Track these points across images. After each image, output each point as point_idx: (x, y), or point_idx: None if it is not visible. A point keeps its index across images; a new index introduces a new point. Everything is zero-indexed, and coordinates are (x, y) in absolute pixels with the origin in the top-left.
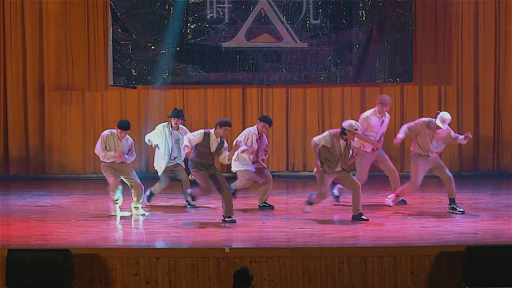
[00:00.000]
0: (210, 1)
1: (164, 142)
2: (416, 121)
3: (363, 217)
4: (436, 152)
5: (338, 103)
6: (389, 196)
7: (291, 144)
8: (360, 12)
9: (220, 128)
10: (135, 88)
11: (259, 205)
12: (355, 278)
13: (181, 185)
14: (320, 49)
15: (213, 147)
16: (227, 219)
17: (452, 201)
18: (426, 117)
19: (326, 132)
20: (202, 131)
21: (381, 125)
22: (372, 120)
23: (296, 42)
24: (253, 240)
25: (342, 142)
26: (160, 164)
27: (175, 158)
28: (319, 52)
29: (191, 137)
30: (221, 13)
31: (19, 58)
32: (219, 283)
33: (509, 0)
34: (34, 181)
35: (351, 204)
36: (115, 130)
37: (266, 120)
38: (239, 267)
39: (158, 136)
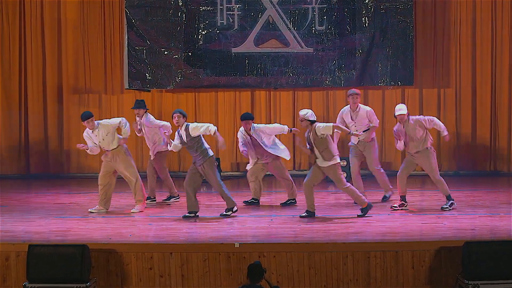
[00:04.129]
0: (220, 8)
1: None
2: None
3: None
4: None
5: (343, 106)
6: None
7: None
8: (363, 18)
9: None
10: (149, 91)
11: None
12: (359, 272)
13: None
14: (325, 54)
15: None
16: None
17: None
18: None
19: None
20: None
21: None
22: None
23: (302, 48)
24: (262, 236)
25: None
26: None
27: None
28: (324, 57)
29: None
30: (231, 20)
31: (39, 62)
32: (229, 276)
33: (505, 6)
34: (54, 180)
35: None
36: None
37: (244, 117)
38: (249, 262)
39: None
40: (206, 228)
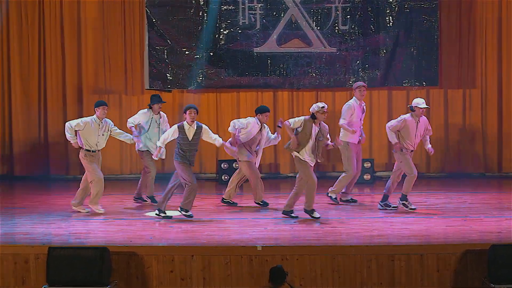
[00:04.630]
0: (242, 7)
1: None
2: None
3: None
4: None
5: (366, 106)
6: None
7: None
8: (387, 18)
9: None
10: (170, 91)
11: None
12: (383, 276)
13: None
14: (348, 53)
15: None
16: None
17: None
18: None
19: (302, 117)
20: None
21: (362, 113)
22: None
23: (325, 47)
24: (285, 239)
25: (315, 128)
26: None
27: None
28: (348, 56)
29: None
30: (253, 20)
31: (59, 63)
32: (252, 280)
33: None
34: (73, 181)
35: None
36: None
37: (264, 109)
38: (271, 265)
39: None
40: (228, 231)
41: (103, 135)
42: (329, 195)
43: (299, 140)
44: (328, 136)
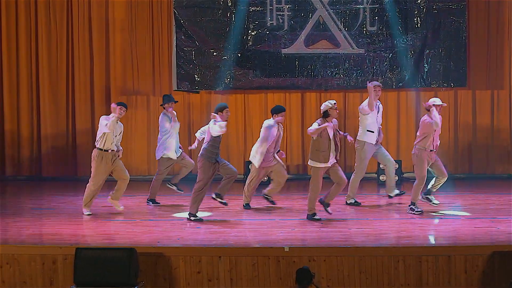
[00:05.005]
0: (270, 9)
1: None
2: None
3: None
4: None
5: (394, 107)
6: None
7: (348, 147)
8: (415, 19)
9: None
10: (198, 92)
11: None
12: (410, 277)
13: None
14: (376, 55)
15: None
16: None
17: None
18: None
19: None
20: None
21: (377, 112)
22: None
23: (353, 48)
24: (312, 240)
25: (330, 130)
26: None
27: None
28: (375, 58)
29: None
30: (281, 21)
31: (87, 64)
32: (279, 281)
33: None
34: None
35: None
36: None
37: (281, 109)
38: (298, 266)
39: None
40: (255, 232)
41: (119, 134)
42: (348, 202)
43: (321, 146)
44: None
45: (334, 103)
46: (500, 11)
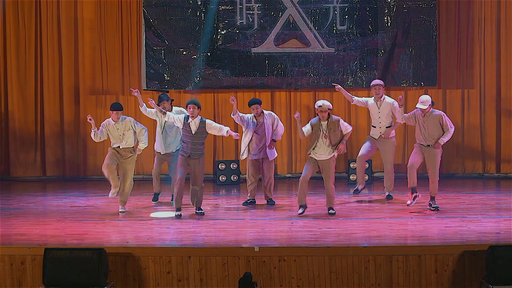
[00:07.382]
0: (240, 8)
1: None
2: None
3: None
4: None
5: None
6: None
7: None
8: (385, 18)
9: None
10: (167, 92)
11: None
12: (381, 277)
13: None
14: (346, 54)
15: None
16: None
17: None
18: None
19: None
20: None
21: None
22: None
23: (323, 47)
24: (282, 240)
25: (322, 124)
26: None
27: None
28: (346, 57)
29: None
30: (251, 20)
31: (56, 63)
32: None
33: None
34: (70, 182)
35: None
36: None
37: (253, 102)
38: (269, 266)
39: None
40: (225, 232)
41: (124, 134)
42: (389, 195)
43: (311, 140)
44: (346, 124)
45: (319, 106)
46: (470, 10)
